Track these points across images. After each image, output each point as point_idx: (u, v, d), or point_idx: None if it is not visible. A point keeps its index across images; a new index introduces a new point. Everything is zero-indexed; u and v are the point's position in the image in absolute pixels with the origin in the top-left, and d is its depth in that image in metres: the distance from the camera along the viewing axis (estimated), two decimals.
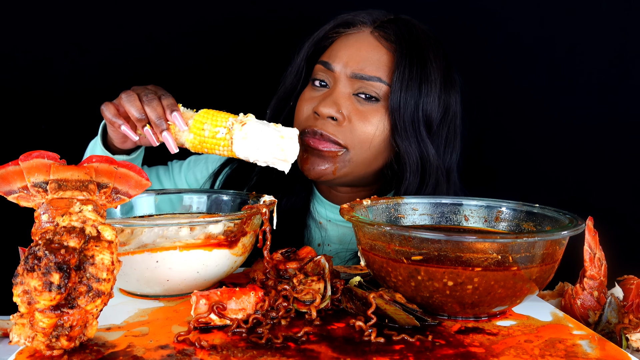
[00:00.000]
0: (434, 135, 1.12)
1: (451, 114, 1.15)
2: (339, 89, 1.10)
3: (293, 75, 1.20)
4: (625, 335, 0.79)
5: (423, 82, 1.09)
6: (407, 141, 1.08)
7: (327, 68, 1.12)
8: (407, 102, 1.07)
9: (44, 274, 0.59)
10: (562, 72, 1.53)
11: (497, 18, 1.53)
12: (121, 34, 1.52)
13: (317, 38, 1.19)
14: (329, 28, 1.18)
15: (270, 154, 0.92)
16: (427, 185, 1.12)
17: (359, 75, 1.09)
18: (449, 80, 1.14)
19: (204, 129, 0.93)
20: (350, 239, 1.21)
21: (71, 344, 0.63)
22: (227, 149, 0.93)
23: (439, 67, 1.12)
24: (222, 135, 0.92)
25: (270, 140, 0.91)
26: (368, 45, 1.12)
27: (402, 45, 1.10)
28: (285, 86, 1.20)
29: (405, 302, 0.75)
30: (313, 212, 1.25)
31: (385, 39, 1.12)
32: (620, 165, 1.54)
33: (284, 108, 1.20)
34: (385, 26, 1.13)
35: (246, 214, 0.83)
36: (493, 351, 0.67)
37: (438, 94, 1.11)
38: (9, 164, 0.69)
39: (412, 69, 1.08)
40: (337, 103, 1.09)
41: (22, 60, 1.50)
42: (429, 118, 1.10)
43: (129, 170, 0.74)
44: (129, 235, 0.77)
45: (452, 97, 1.15)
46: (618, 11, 1.49)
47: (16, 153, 0.71)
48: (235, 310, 0.73)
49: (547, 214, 0.87)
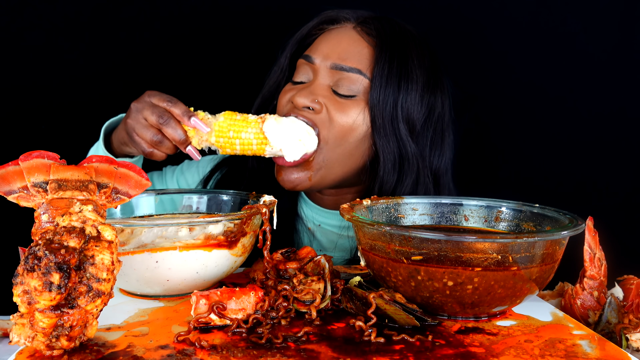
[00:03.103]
0: (418, 136, 1.11)
1: (436, 115, 1.13)
2: (317, 80, 1.10)
3: (277, 73, 1.20)
4: (625, 335, 0.78)
5: (403, 78, 1.08)
6: (385, 138, 1.07)
7: (307, 61, 1.12)
8: (387, 98, 1.06)
9: (44, 274, 0.59)
10: (562, 72, 1.53)
11: (497, 15, 1.53)
12: (121, 34, 1.52)
13: (301, 36, 1.19)
14: (313, 25, 1.18)
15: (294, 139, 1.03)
16: (404, 184, 1.10)
17: (339, 66, 1.08)
18: (434, 81, 1.13)
19: (235, 118, 1.04)
20: (337, 245, 1.20)
21: (71, 344, 0.63)
22: (257, 129, 1.03)
23: (422, 66, 1.11)
24: (254, 117, 1.04)
25: (295, 129, 1.04)
26: (349, 38, 1.11)
27: (383, 40, 1.09)
28: (270, 85, 1.20)
29: (405, 302, 0.75)
30: (301, 215, 1.25)
31: (367, 33, 1.11)
32: (621, 166, 1.54)
33: (268, 106, 1.20)
34: (367, 22, 1.13)
35: (246, 214, 0.83)
36: (493, 351, 0.67)
37: (420, 93, 1.09)
38: (9, 164, 0.69)
39: (392, 64, 1.07)
40: (313, 93, 1.08)
41: (22, 61, 1.50)
42: (409, 116, 1.08)
43: (129, 170, 0.74)
44: (128, 235, 0.77)
45: (437, 98, 1.13)
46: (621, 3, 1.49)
47: (16, 153, 0.71)
48: (235, 310, 0.73)
49: (547, 214, 0.87)
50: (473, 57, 1.55)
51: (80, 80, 1.52)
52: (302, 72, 1.13)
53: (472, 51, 1.55)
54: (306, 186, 1.10)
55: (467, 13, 1.54)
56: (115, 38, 1.52)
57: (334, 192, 1.19)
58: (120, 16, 1.51)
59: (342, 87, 1.08)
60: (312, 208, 1.23)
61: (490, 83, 1.55)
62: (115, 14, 1.51)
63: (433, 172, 1.14)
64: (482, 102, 1.55)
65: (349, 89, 1.08)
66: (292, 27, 1.21)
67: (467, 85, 1.51)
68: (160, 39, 1.54)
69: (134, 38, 1.53)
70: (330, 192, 1.19)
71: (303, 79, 1.12)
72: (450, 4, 1.53)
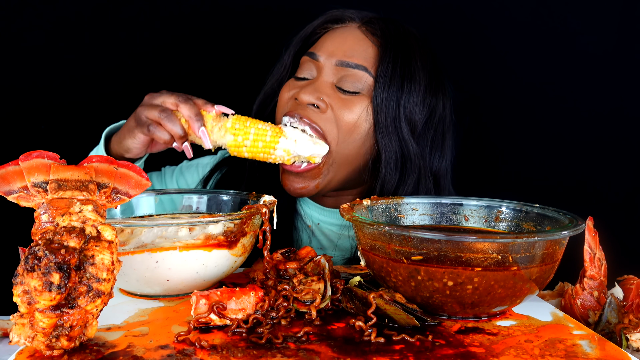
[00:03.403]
0: (419, 136, 1.11)
1: (437, 117, 1.14)
2: (322, 77, 1.10)
3: (280, 70, 1.20)
4: (625, 335, 0.78)
5: (406, 79, 1.08)
6: (387, 137, 1.07)
7: (312, 58, 1.12)
8: (390, 97, 1.07)
9: (44, 274, 0.59)
10: (562, 72, 1.53)
11: (498, 14, 1.53)
12: (121, 34, 1.52)
13: (306, 34, 1.19)
14: (318, 24, 1.18)
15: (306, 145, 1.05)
16: (406, 183, 1.10)
17: (345, 62, 1.09)
18: (436, 83, 1.14)
19: None
20: (338, 244, 1.20)
21: (71, 344, 0.63)
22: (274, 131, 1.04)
23: (424, 68, 1.11)
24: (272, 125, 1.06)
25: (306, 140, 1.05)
26: (354, 37, 1.12)
27: (388, 40, 1.10)
28: (272, 82, 1.21)
29: (405, 302, 0.75)
30: (301, 213, 1.25)
31: (372, 33, 1.12)
32: (621, 166, 1.54)
33: (270, 103, 1.21)
34: (372, 22, 1.14)
35: (246, 214, 0.83)
36: (493, 351, 0.67)
37: (422, 95, 1.10)
38: (9, 164, 0.69)
39: (396, 64, 1.08)
40: (318, 90, 1.08)
41: (22, 61, 1.50)
42: (411, 117, 1.09)
43: (129, 170, 0.74)
44: (128, 235, 0.77)
45: (439, 100, 1.14)
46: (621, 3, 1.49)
47: (16, 153, 0.71)
48: (235, 310, 0.73)
49: (547, 214, 0.87)
50: (473, 57, 1.55)
51: (80, 80, 1.52)
52: (306, 69, 1.13)
53: (472, 51, 1.55)
54: (312, 193, 1.10)
55: (468, 13, 1.54)
56: (115, 38, 1.52)
57: (335, 192, 1.19)
58: (120, 16, 1.51)
59: (347, 84, 1.08)
60: (312, 207, 1.23)
61: (490, 83, 1.55)
62: (115, 14, 1.51)
63: (433, 174, 1.14)
64: (482, 102, 1.55)
65: (353, 85, 1.08)
66: (293, 27, 1.21)
67: (467, 85, 1.51)
68: (160, 39, 1.54)
69: (134, 38, 1.53)
70: (331, 194, 1.19)
71: (306, 76, 1.13)
72: (450, 3, 1.53)
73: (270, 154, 1.04)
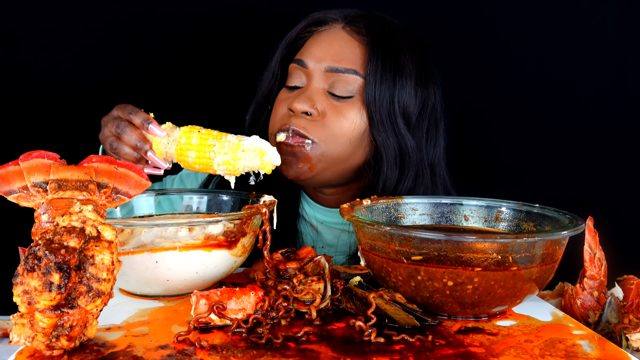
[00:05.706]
0: (414, 128, 1.11)
1: (430, 107, 1.14)
2: (313, 85, 1.10)
3: (269, 78, 1.19)
4: (625, 335, 0.78)
5: (397, 74, 1.08)
6: (384, 134, 1.07)
7: (300, 66, 1.12)
8: (382, 94, 1.07)
9: (44, 274, 0.59)
10: (563, 70, 1.53)
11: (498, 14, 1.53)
12: (121, 34, 1.52)
13: (290, 39, 1.18)
14: (301, 28, 1.18)
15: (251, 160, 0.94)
16: (406, 178, 1.10)
17: (334, 68, 1.08)
18: (425, 73, 1.14)
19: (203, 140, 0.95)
20: (340, 241, 1.20)
21: (71, 344, 0.63)
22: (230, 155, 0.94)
23: (413, 60, 1.11)
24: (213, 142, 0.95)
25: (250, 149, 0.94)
26: (340, 39, 1.11)
27: (374, 37, 1.09)
28: (262, 90, 1.20)
29: (405, 302, 0.75)
30: (304, 214, 1.25)
31: (357, 32, 1.11)
32: (621, 165, 1.54)
33: (262, 112, 1.20)
34: (356, 21, 1.13)
35: (246, 214, 0.83)
36: (493, 351, 0.67)
37: (414, 87, 1.10)
38: (9, 164, 0.69)
39: (385, 61, 1.08)
40: (311, 98, 1.08)
41: (22, 61, 1.50)
42: (406, 111, 1.09)
43: (129, 170, 0.74)
44: (128, 235, 0.77)
45: (430, 90, 1.14)
46: (616, 15, 1.49)
47: (16, 153, 0.71)
48: (235, 310, 0.73)
49: (547, 214, 0.87)
50: (473, 57, 1.55)
51: (80, 80, 1.52)
52: (296, 77, 1.13)
53: (473, 51, 1.55)
54: (308, 176, 1.09)
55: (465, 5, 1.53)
56: (115, 39, 1.52)
57: (334, 190, 1.19)
58: (120, 17, 1.51)
59: (338, 89, 1.08)
60: (314, 207, 1.23)
61: (490, 82, 1.55)
62: (115, 16, 1.51)
63: (430, 164, 1.14)
64: (482, 101, 1.55)
65: (345, 89, 1.08)
66: (283, 30, 1.20)
67: (467, 84, 1.51)
68: (160, 39, 1.54)
69: (132, 41, 1.53)
70: (331, 192, 1.19)
71: (297, 84, 1.12)
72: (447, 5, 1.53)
73: (210, 159, 0.95)
